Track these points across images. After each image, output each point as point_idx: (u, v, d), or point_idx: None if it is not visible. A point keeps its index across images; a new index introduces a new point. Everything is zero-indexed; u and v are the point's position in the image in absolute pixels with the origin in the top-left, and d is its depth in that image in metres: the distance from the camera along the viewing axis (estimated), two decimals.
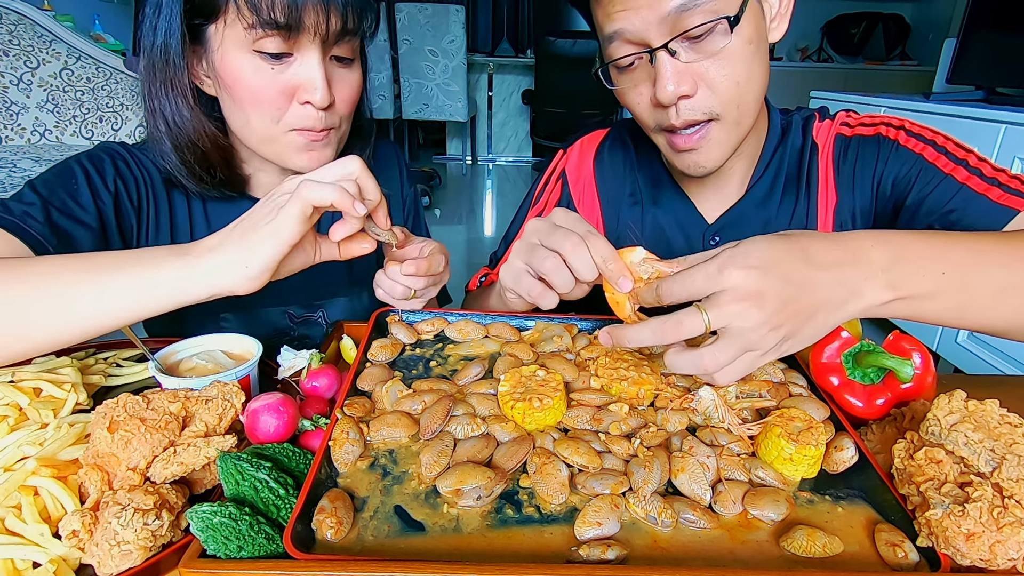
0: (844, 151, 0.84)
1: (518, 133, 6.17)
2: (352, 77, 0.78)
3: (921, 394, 0.56)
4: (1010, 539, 0.40)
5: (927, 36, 4.71)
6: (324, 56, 0.72)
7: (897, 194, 0.79)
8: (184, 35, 0.71)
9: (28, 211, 0.67)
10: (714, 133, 0.74)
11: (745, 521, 0.45)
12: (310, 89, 0.72)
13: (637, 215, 0.92)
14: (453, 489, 0.46)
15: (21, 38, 2.57)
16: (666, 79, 0.68)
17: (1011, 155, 1.94)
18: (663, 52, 0.67)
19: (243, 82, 0.71)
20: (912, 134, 0.80)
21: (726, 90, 0.70)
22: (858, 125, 0.85)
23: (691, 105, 0.71)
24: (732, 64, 0.69)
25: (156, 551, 0.43)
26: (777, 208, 0.86)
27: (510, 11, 5.82)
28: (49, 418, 0.56)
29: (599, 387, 0.60)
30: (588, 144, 0.98)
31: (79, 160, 0.77)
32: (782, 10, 0.75)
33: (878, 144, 0.81)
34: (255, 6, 0.66)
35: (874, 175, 0.82)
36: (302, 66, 0.71)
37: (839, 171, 0.84)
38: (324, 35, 0.70)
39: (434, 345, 0.69)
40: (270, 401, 0.52)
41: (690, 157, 0.76)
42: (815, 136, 0.86)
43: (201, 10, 0.69)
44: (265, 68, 0.70)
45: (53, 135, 2.64)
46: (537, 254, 0.62)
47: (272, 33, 0.68)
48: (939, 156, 0.76)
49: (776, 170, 0.86)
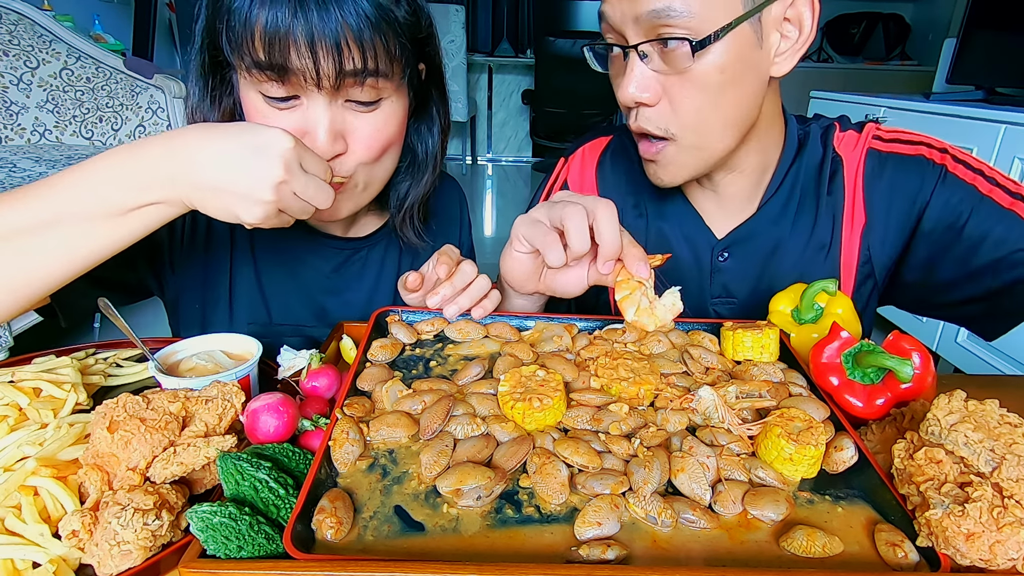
0: (879, 168, 0.80)
1: (518, 133, 6.17)
2: (376, 120, 0.70)
3: (921, 394, 0.56)
4: (1010, 539, 0.40)
5: (927, 36, 4.71)
6: (334, 99, 0.66)
7: (948, 223, 0.76)
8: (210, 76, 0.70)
9: None
10: (669, 153, 0.72)
11: (745, 521, 0.45)
12: (310, 137, 0.67)
13: (642, 227, 0.89)
14: (453, 489, 0.46)
15: (21, 38, 2.57)
16: (629, 80, 0.67)
17: (1011, 155, 1.94)
18: (634, 52, 0.66)
19: (255, 120, 0.69)
20: (959, 161, 0.77)
21: (686, 113, 0.68)
22: (894, 142, 0.81)
23: (648, 115, 0.69)
24: (697, 89, 0.66)
25: (156, 551, 0.43)
26: (791, 225, 0.82)
27: (510, 11, 5.82)
28: (49, 418, 0.56)
29: (599, 387, 0.60)
30: (590, 153, 0.96)
31: None
32: (796, 45, 0.69)
33: (921, 167, 0.78)
34: (239, 49, 0.63)
35: (918, 198, 0.78)
36: (307, 111, 0.66)
37: (871, 189, 0.80)
38: (316, 79, 0.63)
39: (434, 345, 0.69)
40: (270, 401, 0.52)
41: (651, 167, 0.75)
42: (837, 148, 0.83)
43: (215, 46, 0.67)
44: (273, 110, 0.67)
45: (53, 135, 2.64)
46: (562, 208, 0.61)
47: (265, 78, 0.64)
48: (993, 188, 0.74)
49: (792, 185, 0.82)
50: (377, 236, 0.92)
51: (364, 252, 0.91)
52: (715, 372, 0.63)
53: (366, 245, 0.91)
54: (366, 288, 0.91)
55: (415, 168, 0.84)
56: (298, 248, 0.86)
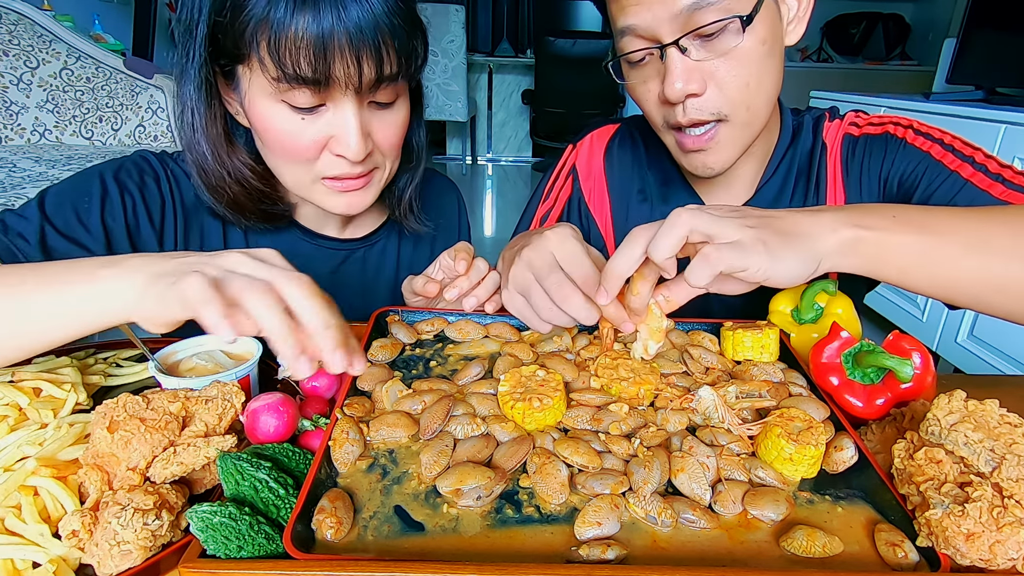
0: (852, 150, 0.84)
1: (518, 133, 6.17)
2: (395, 118, 0.72)
3: (921, 394, 0.56)
4: (1010, 539, 0.40)
5: (927, 36, 4.70)
6: (360, 104, 0.67)
7: (904, 191, 0.79)
8: (208, 81, 0.68)
9: (23, 232, 0.65)
10: (722, 134, 0.73)
11: (745, 521, 0.45)
12: (343, 141, 0.67)
13: (646, 212, 0.92)
14: (453, 489, 0.46)
15: (21, 38, 2.57)
16: (675, 76, 0.68)
17: (1011, 155, 1.94)
18: (673, 49, 0.67)
19: (273, 130, 0.67)
20: (920, 132, 0.79)
21: (735, 91, 0.70)
22: (866, 125, 0.85)
23: (698, 104, 0.70)
24: (743, 64, 0.68)
25: (156, 551, 0.43)
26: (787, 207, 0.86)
27: (510, 11, 5.81)
28: (49, 418, 0.56)
29: (599, 387, 0.60)
30: (598, 139, 0.98)
31: (102, 173, 0.74)
32: (800, 13, 0.74)
33: (886, 142, 0.81)
34: (279, 61, 0.61)
35: (881, 173, 0.82)
36: (335, 116, 0.66)
37: (847, 170, 0.84)
38: (357, 86, 0.64)
39: (434, 345, 0.69)
40: (270, 401, 0.52)
41: (698, 158, 0.76)
42: (824, 136, 0.86)
43: (226, 54, 0.66)
44: (295, 118, 0.66)
45: (53, 135, 2.64)
46: (534, 294, 0.59)
47: (300, 87, 0.63)
48: (946, 153, 0.76)
49: (787, 170, 0.86)
50: (374, 236, 0.92)
51: (362, 252, 0.91)
52: (715, 372, 0.63)
53: (363, 245, 0.91)
54: (365, 288, 0.91)
55: (410, 160, 0.86)
56: (296, 250, 0.86)
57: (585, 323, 0.57)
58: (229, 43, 0.64)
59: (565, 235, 0.60)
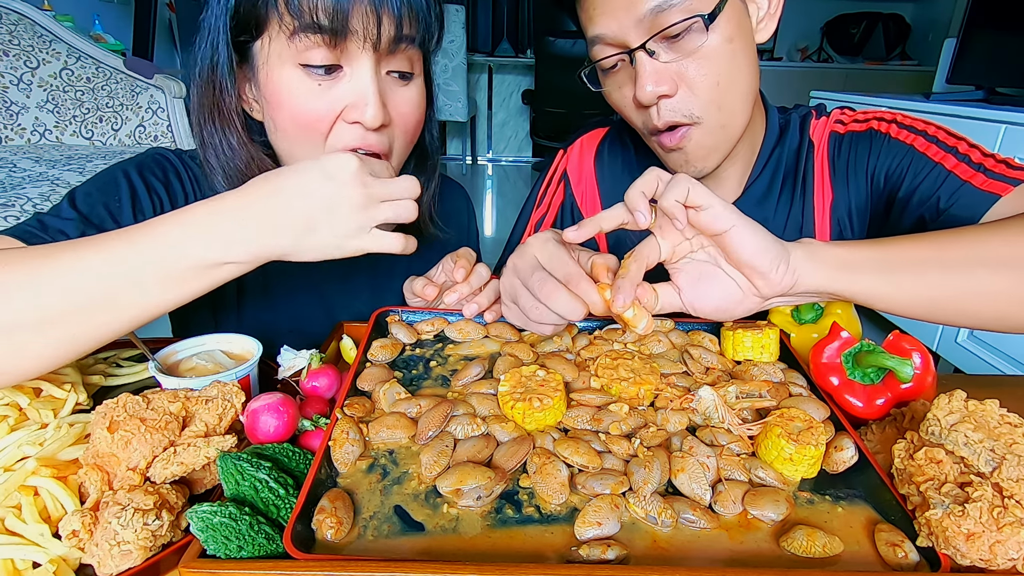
0: (838, 148, 0.84)
1: (518, 133, 6.16)
2: (412, 94, 0.71)
3: (921, 394, 0.56)
4: (1010, 539, 0.40)
5: (927, 36, 4.71)
6: (378, 69, 0.66)
7: (890, 186, 0.80)
8: (231, 56, 0.67)
9: (63, 228, 0.65)
10: (696, 137, 0.73)
11: (745, 521, 0.45)
12: (360, 106, 0.65)
13: None
14: (453, 489, 0.46)
15: (21, 38, 2.57)
16: (645, 79, 0.69)
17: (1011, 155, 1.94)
18: (642, 52, 0.68)
19: (288, 100, 0.66)
20: (904, 126, 0.80)
21: (706, 90, 0.70)
22: (851, 122, 0.85)
23: (671, 106, 0.71)
24: (711, 63, 0.69)
25: (156, 551, 0.43)
26: (775, 208, 0.86)
27: (510, 11, 5.81)
28: (49, 418, 0.56)
29: (599, 387, 0.60)
30: (588, 143, 0.98)
31: (126, 171, 0.73)
32: (771, 10, 0.74)
33: (871, 139, 0.82)
34: (297, 9, 0.60)
35: (867, 169, 0.82)
36: (352, 80, 0.65)
37: (834, 168, 0.85)
38: (375, 42, 0.63)
39: (434, 345, 0.69)
40: (270, 401, 0.52)
41: (679, 156, 0.76)
42: (811, 134, 0.87)
43: (246, 25, 0.65)
44: (312, 84, 0.65)
45: (53, 135, 2.64)
46: (522, 297, 0.62)
47: (317, 41, 0.62)
48: (929, 145, 0.76)
49: (774, 170, 0.86)
50: None
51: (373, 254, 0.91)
52: (715, 372, 0.63)
53: None
54: (375, 290, 0.91)
55: (424, 159, 0.84)
56: None
57: (572, 318, 0.58)
58: (248, 4, 0.64)
59: (546, 238, 0.62)
